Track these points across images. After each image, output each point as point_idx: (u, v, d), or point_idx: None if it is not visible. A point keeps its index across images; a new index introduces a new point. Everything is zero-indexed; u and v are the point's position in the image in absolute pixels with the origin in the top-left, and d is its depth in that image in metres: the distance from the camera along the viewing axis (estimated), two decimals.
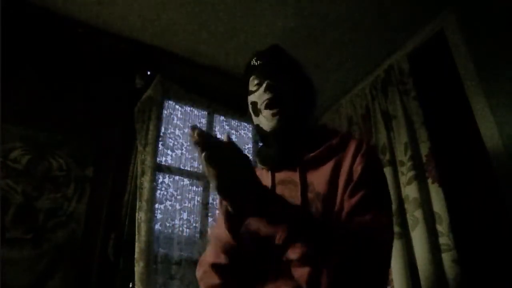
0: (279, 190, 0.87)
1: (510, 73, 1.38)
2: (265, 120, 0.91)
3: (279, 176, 0.90)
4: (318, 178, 0.84)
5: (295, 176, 0.86)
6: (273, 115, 0.89)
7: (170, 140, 1.95)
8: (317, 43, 1.93)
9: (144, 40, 1.94)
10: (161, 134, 1.90)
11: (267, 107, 0.90)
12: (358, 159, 0.83)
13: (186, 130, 2.05)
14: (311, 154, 0.87)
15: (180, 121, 2.04)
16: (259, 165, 0.97)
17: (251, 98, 0.95)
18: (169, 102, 2.03)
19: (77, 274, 1.47)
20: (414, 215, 1.51)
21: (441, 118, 1.69)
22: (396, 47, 1.90)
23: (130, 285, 1.57)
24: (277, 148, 0.91)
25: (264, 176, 0.91)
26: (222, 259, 0.80)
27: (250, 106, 0.97)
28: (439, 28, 1.72)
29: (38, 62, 1.73)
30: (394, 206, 1.60)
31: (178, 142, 1.98)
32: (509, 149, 1.33)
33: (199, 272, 0.89)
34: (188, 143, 2.02)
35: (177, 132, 2.00)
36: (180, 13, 1.78)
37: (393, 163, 1.71)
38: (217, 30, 1.87)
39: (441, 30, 1.70)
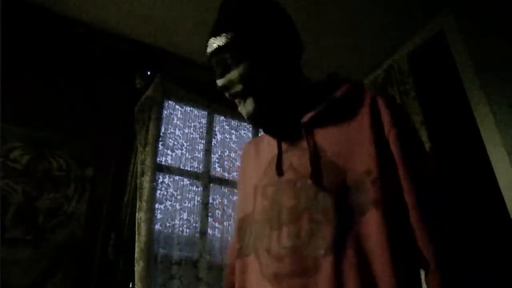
0: (286, 158, 0.75)
1: (510, 72, 1.38)
2: (241, 108, 0.77)
3: (286, 142, 0.77)
4: (331, 143, 0.71)
5: (303, 140, 0.73)
6: (247, 102, 0.75)
7: (170, 140, 1.95)
8: (317, 43, 1.93)
9: (144, 40, 1.94)
10: (161, 134, 1.90)
11: (238, 97, 0.76)
12: (386, 119, 0.69)
13: (186, 130, 2.05)
14: (314, 112, 0.73)
15: (180, 121, 2.04)
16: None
17: (218, 83, 0.78)
18: (169, 102, 2.03)
19: (77, 274, 1.47)
20: None
21: (441, 118, 1.69)
22: (396, 47, 1.91)
23: (130, 285, 1.57)
24: (267, 126, 0.79)
25: (271, 145, 0.80)
26: None
27: (219, 89, 0.80)
28: (439, 28, 1.72)
29: (38, 62, 1.73)
30: None
31: (178, 142, 1.98)
32: (509, 148, 1.33)
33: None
34: (188, 143, 2.02)
35: (177, 132, 2.00)
36: (180, 13, 1.78)
37: None
38: None
39: (441, 30, 1.70)
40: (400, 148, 0.67)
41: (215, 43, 0.76)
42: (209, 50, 0.78)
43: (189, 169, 1.96)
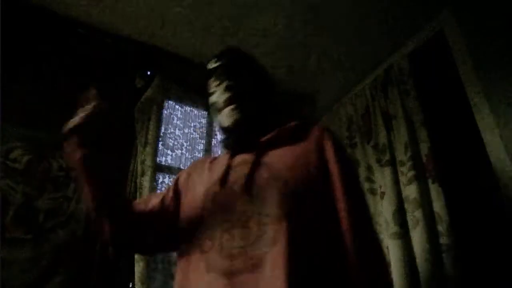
0: (239, 170, 0.89)
1: (510, 72, 1.38)
2: (225, 117, 0.96)
3: (237, 159, 0.93)
4: (278, 160, 0.88)
5: (251, 158, 0.90)
6: (232, 110, 0.95)
7: (170, 140, 1.95)
8: (317, 43, 1.93)
9: (144, 40, 1.94)
10: (161, 134, 1.90)
11: (227, 104, 0.96)
12: (329, 149, 0.89)
13: (186, 130, 2.05)
14: (267, 136, 0.92)
15: (180, 121, 2.05)
16: (223, 150, 1.05)
17: (211, 99, 1.02)
18: (169, 102, 2.03)
19: (77, 274, 1.47)
20: (414, 215, 1.51)
21: (441, 118, 1.69)
22: (396, 47, 1.90)
23: (130, 285, 1.57)
24: (236, 135, 0.97)
25: (222, 159, 0.97)
26: None
27: (211, 107, 1.03)
28: (439, 28, 1.71)
29: (38, 62, 1.73)
30: (394, 206, 1.61)
31: (178, 142, 1.98)
32: (509, 148, 1.33)
33: None
34: (188, 143, 2.02)
35: (177, 132, 2.00)
36: (180, 13, 1.78)
37: (393, 163, 1.71)
38: (217, 30, 1.87)
39: (441, 30, 1.70)
40: (340, 176, 0.85)
41: (217, 62, 1.02)
42: (210, 66, 1.03)
43: None
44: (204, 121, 2.14)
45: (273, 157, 0.89)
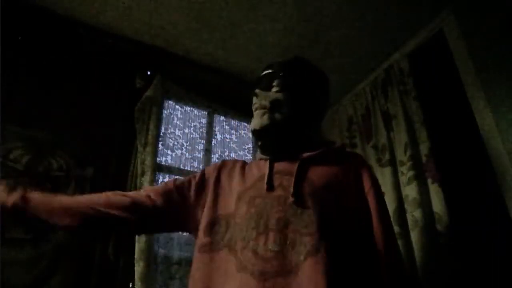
0: (277, 178, 0.92)
1: (510, 72, 1.38)
2: (254, 119, 0.99)
3: (278, 166, 0.95)
4: (320, 176, 0.92)
5: (293, 168, 0.92)
6: (262, 114, 0.97)
7: (170, 140, 1.95)
8: (317, 43, 1.93)
9: (144, 40, 1.94)
10: (161, 134, 1.90)
11: (256, 109, 0.99)
12: (367, 179, 0.96)
13: (186, 130, 2.05)
14: (312, 152, 0.95)
15: (180, 121, 2.05)
16: (258, 156, 1.06)
17: (259, 93, 1.03)
18: (169, 102, 2.03)
19: (77, 274, 1.47)
20: (414, 215, 1.51)
21: (441, 118, 1.69)
22: (396, 47, 1.90)
23: (130, 285, 1.57)
24: (266, 140, 1.00)
25: (261, 166, 0.98)
26: None
27: (254, 94, 1.05)
28: (439, 28, 1.71)
29: (38, 62, 1.73)
30: (394, 206, 1.61)
31: (178, 142, 1.98)
32: (509, 148, 1.33)
33: None
34: (188, 143, 2.02)
35: (177, 132, 2.00)
36: (180, 13, 1.78)
37: (393, 163, 1.71)
38: (217, 30, 1.87)
39: (441, 30, 1.70)
40: (376, 202, 0.93)
41: (280, 71, 1.03)
42: (268, 70, 1.05)
43: (189, 169, 1.96)
44: (204, 121, 2.14)
45: (315, 173, 0.92)
